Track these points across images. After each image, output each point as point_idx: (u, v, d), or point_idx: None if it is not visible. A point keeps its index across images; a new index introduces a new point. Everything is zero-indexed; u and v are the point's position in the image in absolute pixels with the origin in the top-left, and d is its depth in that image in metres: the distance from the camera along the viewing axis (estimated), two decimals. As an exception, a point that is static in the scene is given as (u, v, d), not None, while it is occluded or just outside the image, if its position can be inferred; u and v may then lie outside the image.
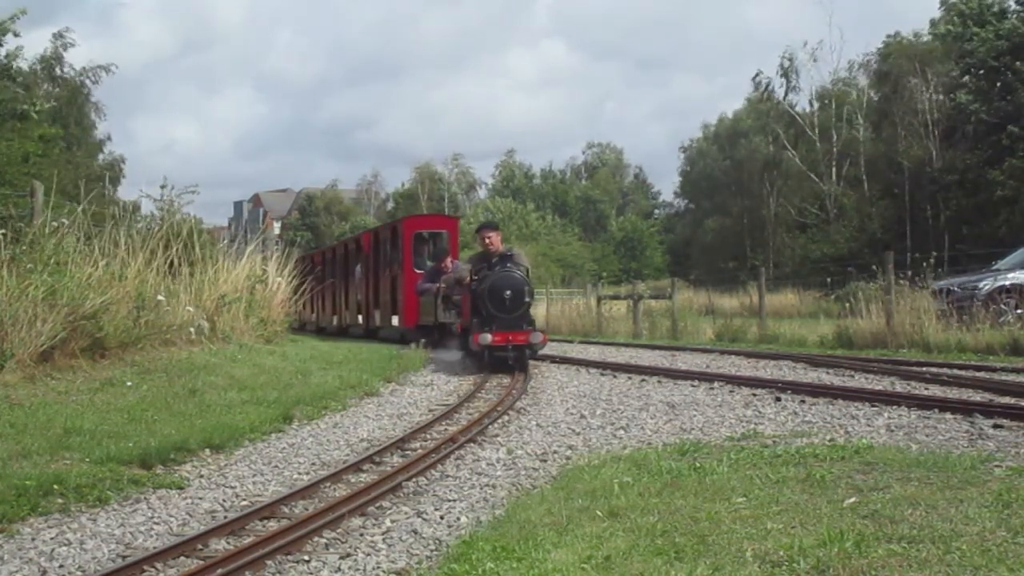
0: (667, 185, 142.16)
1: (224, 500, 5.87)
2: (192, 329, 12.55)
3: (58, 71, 40.70)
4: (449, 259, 17.54)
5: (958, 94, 31.61)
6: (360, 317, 25.36)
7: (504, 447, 7.32)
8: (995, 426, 7.26)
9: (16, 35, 20.08)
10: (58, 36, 40.86)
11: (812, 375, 12.14)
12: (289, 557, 4.53)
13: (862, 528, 4.24)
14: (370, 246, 24.82)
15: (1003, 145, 30.27)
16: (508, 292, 12.69)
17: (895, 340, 15.29)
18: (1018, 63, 30.66)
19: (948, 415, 7.91)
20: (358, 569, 4.37)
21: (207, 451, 7.28)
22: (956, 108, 32.52)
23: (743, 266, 47.18)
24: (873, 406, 8.63)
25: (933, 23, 37.85)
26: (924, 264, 16.17)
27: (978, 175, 32.33)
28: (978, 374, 11.32)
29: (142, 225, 15.23)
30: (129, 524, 5.24)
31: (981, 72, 31.74)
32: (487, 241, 13.57)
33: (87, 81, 42.10)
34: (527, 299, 12.91)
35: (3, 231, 10.41)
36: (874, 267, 17.48)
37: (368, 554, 4.58)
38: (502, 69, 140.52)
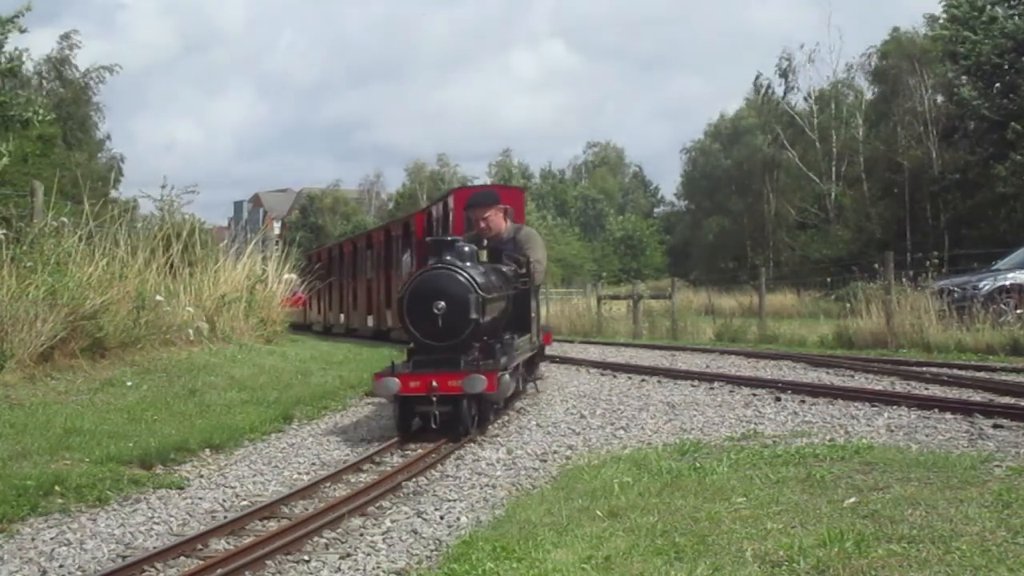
0: (667, 185, 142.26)
1: (224, 500, 5.87)
2: (191, 330, 12.54)
3: (64, 72, 40.84)
4: None
5: (961, 89, 31.57)
6: None
7: (504, 447, 7.32)
8: (995, 426, 7.26)
9: (22, 31, 20.04)
10: (65, 37, 41.06)
11: (812, 375, 12.14)
12: (289, 557, 4.53)
13: (862, 528, 4.24)
14: (423, 229, 20.53)
15: (1006, 141, 30.24)
16: (441, 304, 7.63)
17: (895, 340, 15.29)
18: (1022, 60, 30.61)
19: (948, 415, 7.91)
20: (358, 569, 4.36)
21: (207, 451, 7.28)
22: (958, 103, 32.49)
23: (743, 266, 47.20)
24: (873, 406, 8.63)
25: (930, 21, 37.88)
26: (928, 264, 16.17)
27: (978, 174, 32.33)
28: (978, 374, 11.32)
29: (141, 225, 15.23)
30: (129, 524, 5.24)
31: (979, 72, 31.67)
32: (481, 224, 9.53)
33: (91, 82, 42.22)
34: (474, 315, 7.65)
35: (3, 231, 10.42)
36: (876, 266, 17.49)
37: (368, 554, 4.58)
38: (503, 70, 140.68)
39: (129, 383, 9.55)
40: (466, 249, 8.15)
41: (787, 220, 48.90)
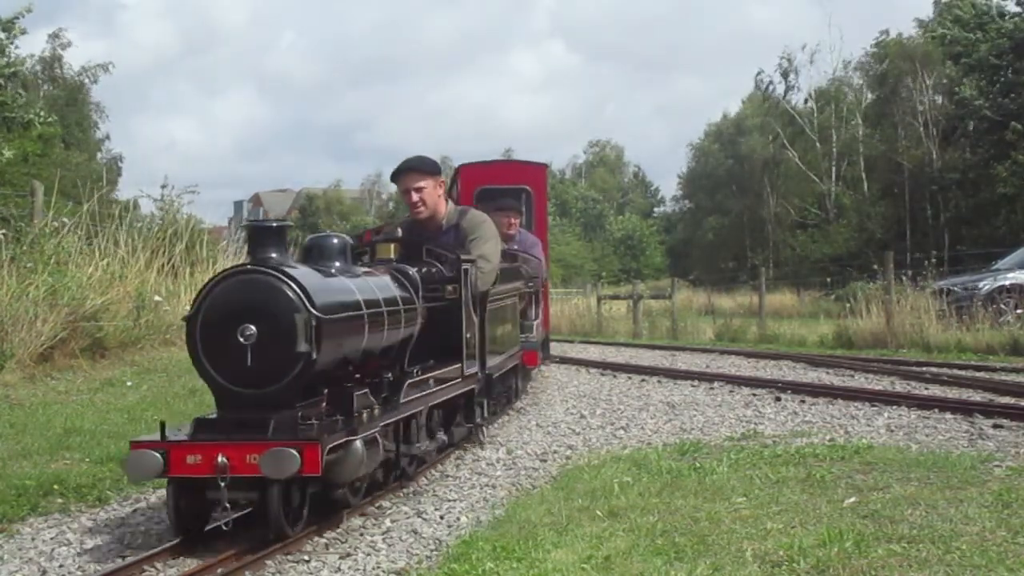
0: (667, 185, 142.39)
1: (224, 500, 5.85)
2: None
3: (57, 71, 40.79)
4: (516, 226, 10.61)
5: (963, 86, 31.55)
6: None
7: (504, 447, 7.32)
8: (995, 426, 7.28)
9: (23, 32, 20.07)
10: (54, 36, 40.94)
11: (812, 375, 12.15)
12: (289, 557, 4.53)
13: (862, 528, 4.25)
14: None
15: (1006, 141, 30.26)
16: (249, 330, 4.73)
17: (895, 340, 15.30)
18: (1022, 60, 30.59)
19: (948, 415, 7.93)
20: (358, 569, 4.36)
21: (207, 451, 7.27)
22: (959, 102, 32.49)
23: (743, 266, 47.21)
24: (873, 406, 8.64)
25: (925, 24, 37.88)
26: (925, 263, 16.18)
27: (979, 174, 32.35)
28: (978, 374, 11.34)
29: (142, 225, 15.23)
30: (129, 524, 5.24)
31: (980, 71, 31.64)
32: (413, 198, 6.97)
33: (86, 81, 42.16)
34: (303, 347, 4.77)
35: (4, 231, 10.43)
36: (875, 267, 17.52)
37: (368, 554, 4.58)
38: (503, 70, 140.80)
39: (129, 383, 9.55)
40: (334, 241, 5.55)
41: (787, 220, 48.91)
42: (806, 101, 48.88)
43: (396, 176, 7.09)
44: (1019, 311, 15.05)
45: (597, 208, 76.45)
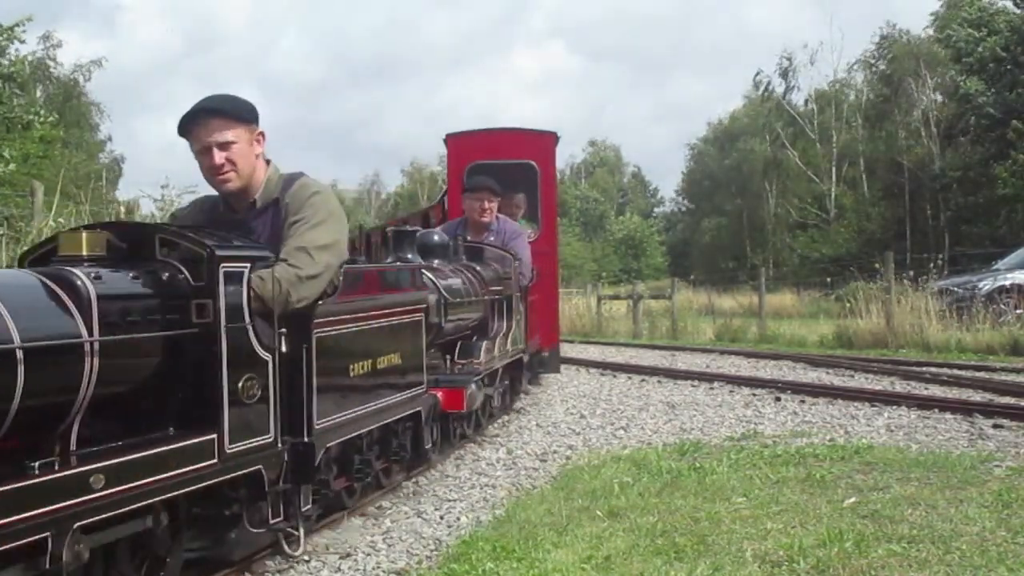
0: (667, 185, 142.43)
1: (224, 500, 5.85)
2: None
3: (50, 71, 40.74)
4: (492, 212, 8.68)
5: (967, 81, 31.48)
6: None
7: (504, 447, 7.31)
8: (995, 426, 7.28)
9: (22, 42, 20.16)
10: (45, 38, 40.78)
11: (812, 375, 12.14)
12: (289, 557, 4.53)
13: (862, 528, 4.25)
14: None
15: (1007, 140, 30.22)
16: None
17: (895, 340, 15.30)
18: None
19: (948, 415, 7.93)
20: (358, 569, 4.36)
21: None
22: (962, 98, 32.44)
23: (743, 266, 47.23)
24: (873, 406, 8.64)
25: (936, 18, 37.85)
26: (931, 265, 16.19)
27: (979, 173, 32.34)
28: (978, 374, 11.34)
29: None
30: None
31: (983, 69, 31.59)
32: (216, 160, 4.28)
33: (80, 79, 42.07)
34: None
35: (3, 231, 10.42)
36: (876, 266, 17.52)
37: (368, 554, 4.58)
38: (503, 70, 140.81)
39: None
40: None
41: (787, 220, 48.93)
42: (806, 102, 48.96)
43: (187, 124, 4.27)
44: (1019, 311, 15.05)
45: (599, 209, 76.47)
